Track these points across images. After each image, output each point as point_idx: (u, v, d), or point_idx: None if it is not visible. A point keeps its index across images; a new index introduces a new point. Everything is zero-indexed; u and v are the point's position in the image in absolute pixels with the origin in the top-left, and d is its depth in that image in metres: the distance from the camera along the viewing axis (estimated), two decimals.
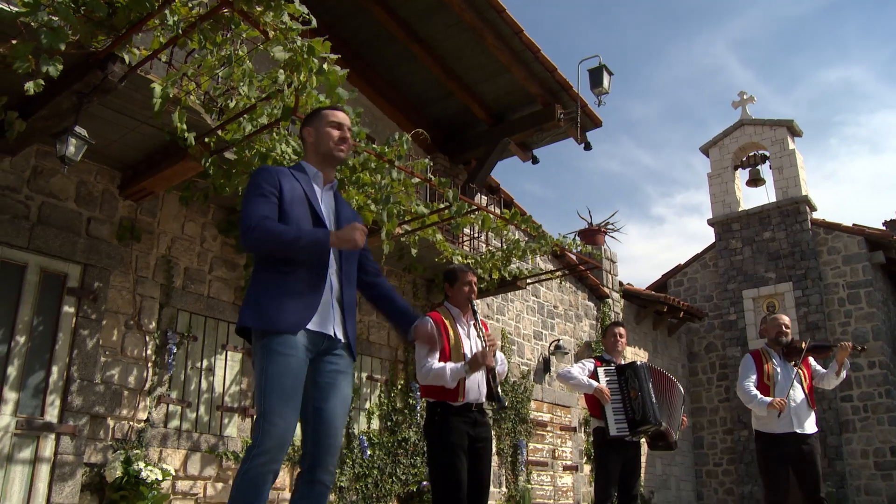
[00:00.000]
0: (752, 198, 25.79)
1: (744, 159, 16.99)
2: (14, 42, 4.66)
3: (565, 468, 11.54)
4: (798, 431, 5.99)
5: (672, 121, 61.66)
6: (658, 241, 48.99)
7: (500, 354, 5.02)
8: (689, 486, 15.49)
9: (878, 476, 14.04)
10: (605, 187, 62.43)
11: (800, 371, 6.11)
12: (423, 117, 10.48)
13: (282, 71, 4.52)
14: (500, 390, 4.70)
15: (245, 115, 5.68)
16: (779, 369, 6.13)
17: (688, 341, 16.73)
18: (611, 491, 5.96)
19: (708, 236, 52.38)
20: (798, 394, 6.06)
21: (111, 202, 6.88)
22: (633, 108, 60.31)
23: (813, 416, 6.12)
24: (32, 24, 4.52)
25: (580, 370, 6.16)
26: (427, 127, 9.62)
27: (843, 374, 6.15)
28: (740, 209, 16.54)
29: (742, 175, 17.16)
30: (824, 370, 6.27)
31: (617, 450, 5.98)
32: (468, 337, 4.86)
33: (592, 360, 6.31)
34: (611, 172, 62.70)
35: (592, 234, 13.58)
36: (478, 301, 10.61)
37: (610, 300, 13.64)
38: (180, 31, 4.56)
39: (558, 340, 11.88)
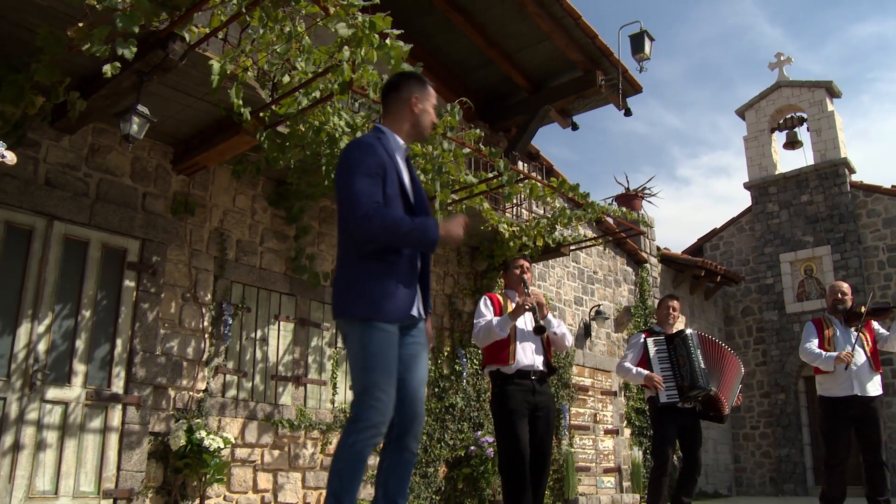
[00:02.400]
0: (788, 161, 25.44)
1: (781, 122, 16.77)
2: (81, 25, 4.76)
3: (606, 432, 11.67)
4: (859, 394, 6.04)
5: (698, 81, 60.82)
6: (684, 202, 48.55)
7: (555, 321, 5.16)
8: (726, 448, 15.58)
9: None
10: (630, 149, 61.86)
11: (861, 335, 6.14)
12: (462, 86, 10.47)
13: (346, 47, 4.57)
14: (541, 321, 4.83)
15: (301, 90, 5.74)
16: (839, 335, 6.17)
17: (724, 305, 16.72)
18: (667, 456, 6.04)
19: (735, 198, 51.91)
20: (860, 357, 6.10)
21: (165, 177, 7.00)
22: (659, 68, 59.43)
23: (877, 379, 6.15)
24: (98, 6, 4.61)
25: (633, 357, 6.24)
26: (467, 95, 9.61)
27: None
28: (777, 172, 16.38)
29: (779, 138, 16.95)
30: (887, 332, 6.28)
31: (671, 417, 6.05)
32: (522, 316, 5.00)
33: (642, 334, 6.37)
34: (636, 134, 62.08)
35: (630, 200, 13.54)
36: None
37: (648, 265, 13.66)
38: (243, 9, 4.62)
39: (598, 306, 11.94)
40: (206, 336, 7.02)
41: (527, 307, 4.79)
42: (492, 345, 4.96)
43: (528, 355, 4.95)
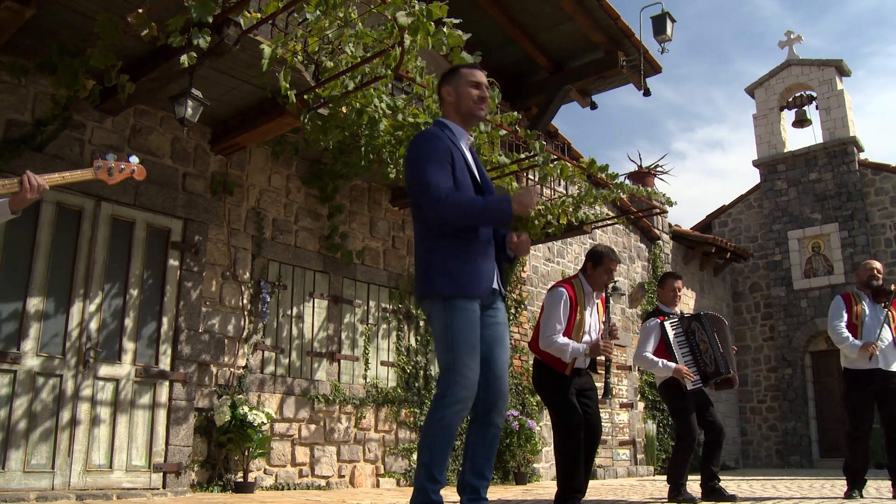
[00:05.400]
0: (797, 139, 25.49)
1: (790, 100, 16.88)
2: (140, 11, 4.86)
3: (622, 406, 11.90)
4: (883, 368, 6.18)
5: (694, 54, 60.55)
6: (680, 176, 48.50)
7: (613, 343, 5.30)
8: (733, 422, 15.85)
9: None
10: (624, 122, 61.74)
11: (889, 312, 6.31)
12: (484, 65, 10.42)
13: (408, 35, 4.67)
14: (610, 382, 5.02)
15: (348, 73, 5.85)
16: (867, 311, 6.32)
17: (732, 281, 16.92)
18: (696, 431, 6.16)
19: (730, 173, 51.96)
20: (886, 334, 6.24)
21: (203, 157, 7.11)
22: (654, 41, 59.09)
23: None
24: None
25: (653, 345, 6.20)
26: (489, 74, 9.70)
27: None
28: (786, 150, 16.52)
29: (788, 116, 17.07)
30: None
31: (688, 395, 6.17)
32: (590, 315, 5.13)
33: (656, 319, 6.29)
34: (631, 107, 62.01)
35: (642, 177, 13.70)
36: (542, 246, 10.84)
37: (660, 242, 13.83)
38: None
39: (615, 282, 12.12)
40: (246, 314, 7.17)
41: (610, 354, 5.06)
42: None
43: (582, 360, 5.10)
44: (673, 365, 6.02)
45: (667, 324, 6.19)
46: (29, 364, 5.64)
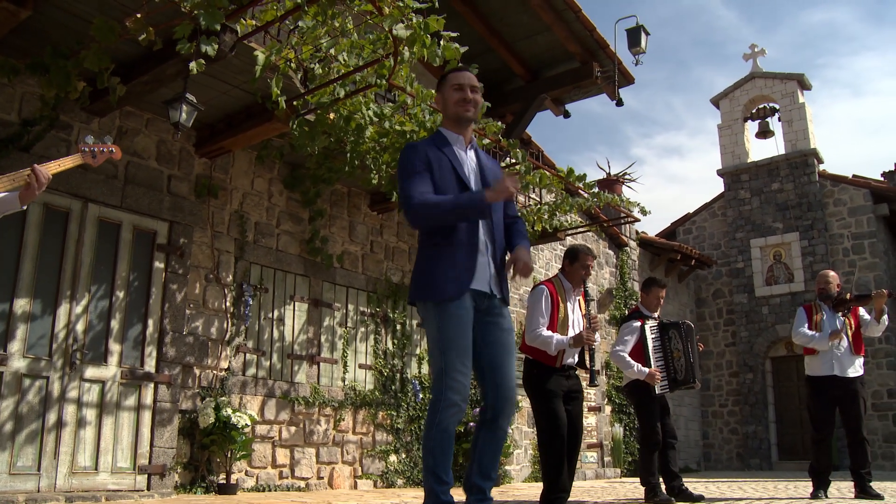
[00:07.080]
0: (760, 149, 26.10)
1: (754, 111, 17.33)
2: (139, 16, 4.91)
3: (589, 409, 12.10)
4: (838, 374, 6.49)
5: (653, 61, 61.48)
6: (638, 182, 49.24)
7: (596, 334, 5.41)
8: (695, 425, 16.20)
9: (875, 416, 14.79)
10: (585, 127, 62.40)
11: (847, 320, 6.60)
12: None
13: (406, 48, 4.78)
14: (595, 370, 5.22)
15: (339, 81, 5.94)
16: (826, 320, 6.61)
17: (696, 288, 17.29)
18: (659, 432, 6.38)
19: (688, 178, 52.86)
20: (842, 341, 6.56)
21: (188, 160, 7.14)
22: (628, 53, 59.82)
23: (859, 361, 6.60)
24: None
25: (631, 340, 6.38)
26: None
27: (884, 319, 6.60)
28: (749, 160, 16.94)
29: (752, 127, 17.53)
30: (870, 317, 6.74)
31: (654, 397, 6.39)
32: (573, 311, 5.38)
33: (638, 321, 6.49)
34: (590, 112, 62.68)
35: (611, 185, 13.95)
36: None
37: (628, 248, 14.09)
38: (305, 8, 4.80)
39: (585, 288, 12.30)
40: (228, 316, 7.21)
41: (592, 344, 5.12)
42: None
43: (570, 354, 5.28)
44: (647, 370, 6.24)
45: (647, 327, 6.41)
46: (15, 365, 5.63)
